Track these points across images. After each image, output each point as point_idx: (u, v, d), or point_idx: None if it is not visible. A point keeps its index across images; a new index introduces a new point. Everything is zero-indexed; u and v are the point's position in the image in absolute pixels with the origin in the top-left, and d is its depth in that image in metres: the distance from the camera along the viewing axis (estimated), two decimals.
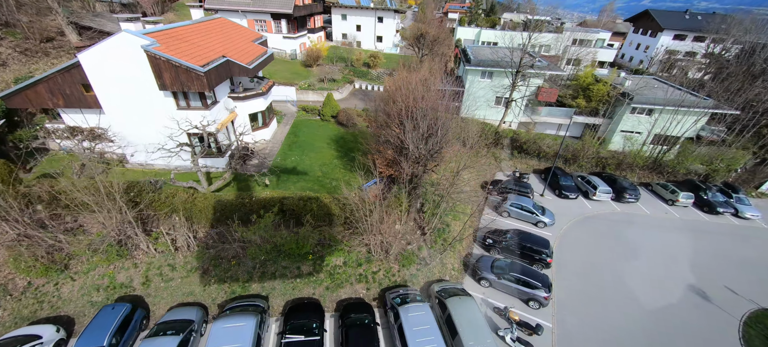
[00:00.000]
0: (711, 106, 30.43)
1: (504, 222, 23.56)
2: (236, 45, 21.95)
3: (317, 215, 16.18)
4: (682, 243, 22.91)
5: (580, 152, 29.37)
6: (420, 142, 16.92)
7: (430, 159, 18.23)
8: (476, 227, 22.92)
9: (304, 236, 15.88)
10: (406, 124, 17.08)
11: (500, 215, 24.15)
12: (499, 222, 23.50)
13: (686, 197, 26.54)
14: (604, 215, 25.20)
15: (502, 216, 24.07)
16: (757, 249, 23.08)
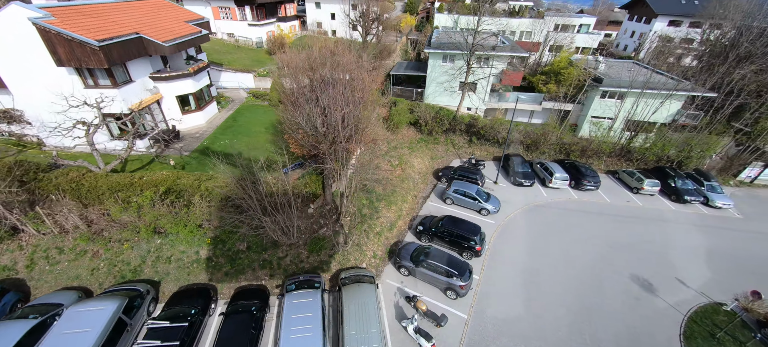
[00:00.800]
0: (687, 88, 28.39)
1: (447, 209, 22.21)
2: (162, 24, 21.09)
3: (213, 195, 15.19)
4: (639, 233, 21.16)
5: (541, 139, 27.67)
6: (316, 119, 15.59)
7: (344, 140, 16.99)
8: (415, 215, 21.64)
9: (185, 216, 14.75)
10: (303, 101, 15.88)
11: (444, 201, 22.80)
12: (443, 209, 22.16)
13: (652, 185, 24.66)
14: (558, 203, 23.57)
15: (446, 203, 22.72)
16: (722, 239, 21.18)
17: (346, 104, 15.87)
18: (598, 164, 28.23)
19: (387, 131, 27.32)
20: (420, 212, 22.07)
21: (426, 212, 21.82)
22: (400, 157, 25.60)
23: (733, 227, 22.44)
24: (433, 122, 28.07)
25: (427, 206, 22.52)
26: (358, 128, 17.22)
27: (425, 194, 23.92)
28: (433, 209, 22.22)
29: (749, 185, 27.71)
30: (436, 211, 21.87)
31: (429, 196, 23.60)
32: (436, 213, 21.40)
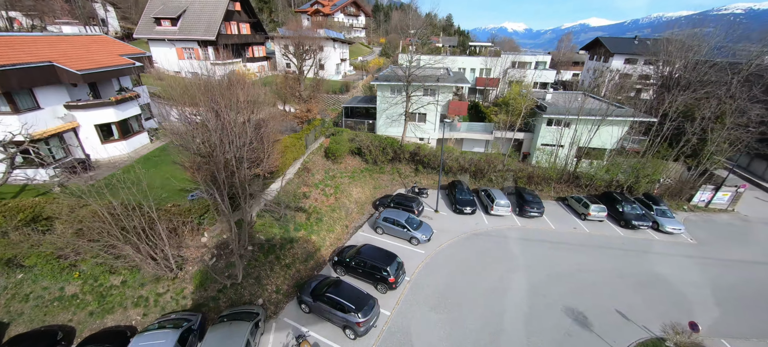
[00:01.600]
0: (628, 115, 28.59)
1: (377, 239, 20.70)
2: (88, 56, 21.21)
3: (83, 220, 13.75)
4: (580, 261, 19.61)
5: (485, 166, 27.03)
6: (195, 140, 14.70)
7: (244, 163, 16.04)
8: (341, 246, 20.06)
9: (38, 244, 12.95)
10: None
11: (375, 231, 21.37)
12: (373, 239, 20.63)
13: (598, 210, 23.57)
14: (499, 231, 22.19)
15: (377, 233, 21.26)
16: (671, 266, 19.61)
17: (242, 133, 15.13)
18: (548, 191, 27.36)
19: (327, 160, 26.60)
20: (348, 242, 20.54)
21: (354, 242, 20.28)
22: (337, 186, 24.59)
23: (685, 253, 20.98)
24: (376, 150, 27.54)
25: (357, 236, 21.03)
26: (258, 157, 16.29)
27: (359, 223, 22.55)
28: (362, 239, 20.72)
29: (705, 210, 26.72)
30: (364, 241, 20.35)
31: (362, 226, 22.21)
32: (365, 244, 19.88)
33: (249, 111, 16.46)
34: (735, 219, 25.66)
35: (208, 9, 40.09)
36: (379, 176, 27.95)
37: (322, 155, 26.78)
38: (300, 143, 23.91)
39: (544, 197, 27.05)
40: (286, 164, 21.49)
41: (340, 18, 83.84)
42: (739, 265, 20.16)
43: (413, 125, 33.03)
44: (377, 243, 20.15)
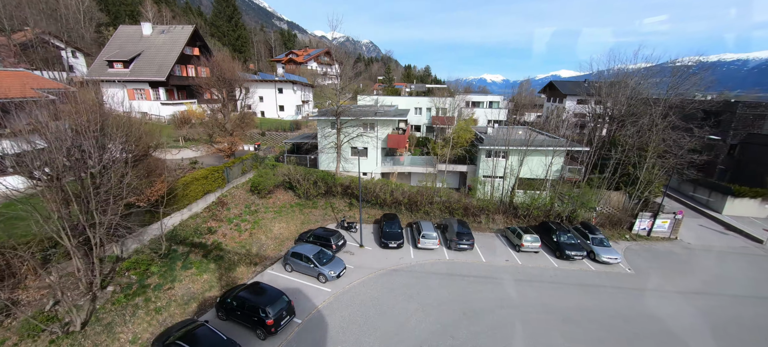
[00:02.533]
0: (562, 145, 28.85)
1: (285, 276, 18.65)
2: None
3: None
4: (503, 296, 17.83)
5: (419, 199, 26.04)
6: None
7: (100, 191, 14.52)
8: (243, 283, 17.86)
9: None
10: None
11: (284, 267, 19.38)
12: (281, 277, 18.56)
13: (531, 241, 22.32)
14: (423, 265, 20.46)
15: (287, 270, 19.26)
16: (602, 299, 17.99)
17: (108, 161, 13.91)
18: (487, 223, 26.22)
19: (252, 194, 25.22)
20: (252, 280, 18.37)
21: (258, 280, 18.12)
22: (257, 221, 22.95)
23: (619, 285, 19.50)
24: (307, 184, 26.43)
25: (263, 275, 18.92)
26: (136, 187, 14.93)
27: (271, 261, 20.53)
28: (267, 277, 18.61)
29: (647, 239, 25.78)
30: (270, 279, 18.24)
31: (273, 263, 20.19)
32: (269, 283, 17.79)
33: (126, 141, 15.35)
34: (676, 247, 24.69)
35: (163, 52, 41.11)
36: (310, 211, 26.45)
37: (247, 189, 25.45)
38: (217, 176, 22.70)
39: (484, 229, 25.88)
40: (190, 198, 20.03)
41: (313, 66, 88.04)
42: (676, 296, 18.71)
43: (355, 159, 32.59)
44: (285, 281, 18.16)
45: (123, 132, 14.52)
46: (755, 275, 21.31)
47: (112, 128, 14.56)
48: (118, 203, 13.36)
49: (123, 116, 16.71)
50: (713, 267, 22.18)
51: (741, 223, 28.88)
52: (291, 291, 17.42)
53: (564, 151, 29.11)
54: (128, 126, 15.26)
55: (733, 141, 33.38)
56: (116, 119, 15.21)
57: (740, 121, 32.68)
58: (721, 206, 31.11)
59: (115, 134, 14.54)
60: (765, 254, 24.24)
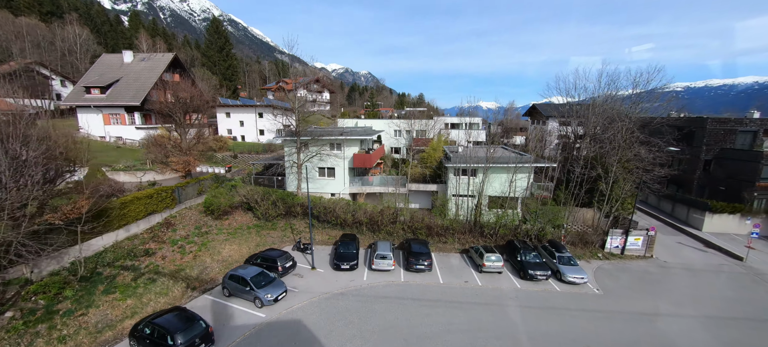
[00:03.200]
0: (530, 161, 28.32)
1: (221, 301, 17.27)
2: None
3: None
4: (453, 321, 16.35)
5: (380, 218, 25.05)
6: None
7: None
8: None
9: None
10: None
11: (222, 291, 18.03)
12: (218, 302, 17.19)
13: (493, 260, 21.06)
14: (374, 288, 19.09)
15: (225, 294, 17.90)
16: (563, 323, 16.51)
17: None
18: (451, 243, 25.04)
19: (206, 215, 24.25)
20: (186, 304, 16.95)
21: (192, 305, 16.74)
22: (205, 243, 21.83)
23: (584, 307, 18.07)
24: (266, 204, 25.54)
25: (200, 300, 17.52)
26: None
27: (214, 284, 19.18)
28: (202, 302, 17.21)
29: (621, 257, 24.47)
30: (206, 304, 16.86)
31: (213, 287, 18.83)
32: (202, 308, 16.43)
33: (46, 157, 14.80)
34: (651, 266, 23.36)
35: (141, 79, 41.78)
36: (268, 233, 25.32)
37: (201, 210, 24.53)
38: (164, 196, 21.90)
39: (449, 249, 24.66)
40: (129, 218, 19.11)
41: (303, 93, 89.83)
42: (645, 319, 17.25)
43: (326, 180, 31.96)
44: (219, 306, 16.81)
45: (42, 147, 13.98)
46: (733, 294, 19.90)
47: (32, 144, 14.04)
48: (20, 221, 12.49)
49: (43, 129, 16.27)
50: (689, 286, 20.79)
51: (721, 240, 27.69)
52: (222, 317, 16.10)
53: (531, 167, 28.55)
54: (48, 142, 14.75)
55: (707, 157, 32.91)
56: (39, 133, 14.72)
57: (711, 136, 32.40)
58: (701, 222, 30.04)
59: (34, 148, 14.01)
60: (745, 272, 22.89)
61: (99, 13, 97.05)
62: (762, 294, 20.00)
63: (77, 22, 76.13)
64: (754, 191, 29.69)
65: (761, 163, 29.11)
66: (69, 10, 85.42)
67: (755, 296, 19.69)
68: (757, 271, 22.95)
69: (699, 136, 33.23)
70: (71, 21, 75.36)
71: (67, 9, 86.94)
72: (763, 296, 19.72)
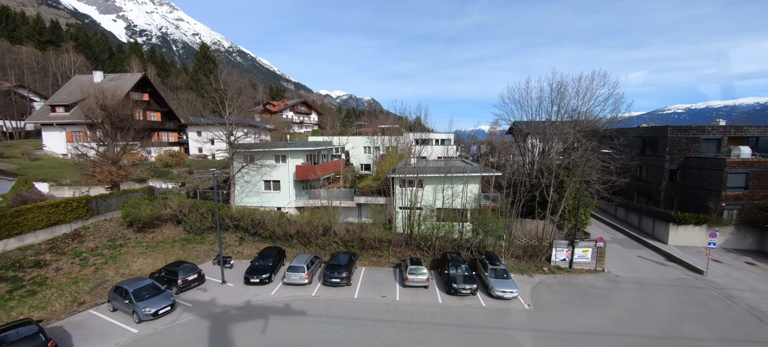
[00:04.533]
0: (477, 171, 27.18)
1: (106, 318, 15.83)
2: None
3: None
4: (344, 340, 14.65)
5: (309, 231, 23.74)
6: None
7: None
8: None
9: None
10: None
11: (108, 306, 16.62)
12: (104, 318, 15.77)
13: (418, 274, 19.41)
14: (274, 304, 17.46)
15: (110, 308, 16.48)
16: (471, 342, 14.66)
17: None
18: (387, 256, 23.45)
19: (128, 227, 23.23)
20: (67, 318, 15.55)
21: (70, 320, 15.35)
22: (115, 256, 20.66)
23: (505, 324, 16.16)
24: (194, 217, 24.49)
25: (83, 314, 16.08)
26: None
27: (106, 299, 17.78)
28: (85, 317, 15.81)
29: (568, 271, 22.51)
30: (87, 319, 15.45)
31: (104, 303, 17.43)
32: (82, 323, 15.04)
33: None
34: (600, 280, 21.35)
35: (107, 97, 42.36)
36: (195, 246, 24.07)
37: (125, 222, 23.53)
38: (76, 206, 21.08)
39: (384, 263, 23.06)
40: (23, 227, 18.20)
41: (289, 115, 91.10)
42: (571, 337, 15.30)
43: (272, 193, 31.07)
44: (99, 321, 15.45)
45: None
46: (680, 310, 17.81)
47: None
48: None
49: None
50: (634, 302, 18.73)
51: (686, 253, 25.58)
52: (92, 331, 14.68)
53: (478, 177, 27.35)
54: None
55: (672, 166, 31.37)
56: None
57: (674, 145, 31.04)
58: (666, 235, 28.00)
59: None
60: (703, 286, 20.73)
61: (99, 42, 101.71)
62: (715, 310, 17.86)
63: (73, 50, 79.80)
64: (721, 201, 27.88)
65: (725, 171, 27.56)
66: (68, 39, 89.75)
67: (704, 313, 17.57)
68: (716, 286, 20.78)
69: (661, 145, 31.90)
70: (67, 49, 79.11)
71: (67, 38, 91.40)
72: (714, 313, 17.58)
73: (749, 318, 17.14)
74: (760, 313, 17.65)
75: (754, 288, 20.67)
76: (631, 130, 37.37)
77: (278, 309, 16.93)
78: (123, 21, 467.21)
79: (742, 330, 16.00)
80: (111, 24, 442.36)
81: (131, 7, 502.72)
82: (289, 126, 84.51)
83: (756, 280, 21.67)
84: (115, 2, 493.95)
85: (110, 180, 25.27)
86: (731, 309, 18.07)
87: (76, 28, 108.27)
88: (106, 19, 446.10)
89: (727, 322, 16.67)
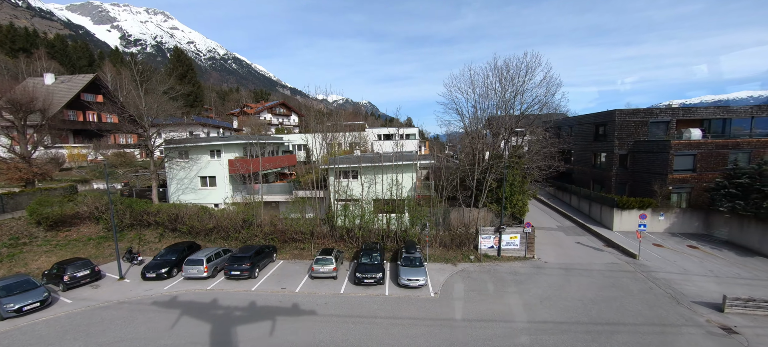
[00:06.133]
0: (414, 158, 26.31)
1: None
2: None
3: None
4: (203, 333, 13.69)
5: (224, 223, 22.81)
6: None
7: None
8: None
9: None
10: None
11: None
12: None
13: (324, 264, 18.36)
14: (162, 298, 16.47)
15: None
16: (342, 331, 13.65)
17: None
18: (309, 248, 22.48)
19: (37, 226, 22.28)
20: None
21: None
22: (12, 254, 19.73)
23: (396, 314, 15.12)
24: (108, 213, 23.53)
25: None
26: None
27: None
28: None
29: (497, 259, 21.51)
30: None
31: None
32: None
33: None
34: (525, 267, 20.34)
35: (56, 99, 41.64)
36: (111, 244, 23.05)
37: (30, 220, 22.56)
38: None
39: (306, 256, 22.10)
40: None
41: (268, 117, 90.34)
42: (467, 324, 14.30)
43: (208, 190, 30.12)
44: None
45: None
46: (596, 294, 16.81)
47: None
48: None
49: None
50: (550, 287, 17.72)
51: (629, 238, 24.60)
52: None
53: (414, 167, 26.45)
54: None
55: (622, 151, 30.47)
56: None
57: (622, 129, 30.16)
58: (612, 221, 27.04)
59: None
60: (632, 270, 19.76)
61: (78, 49, 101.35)
62: (632, 293, 16.84)
63: (45, 56, 79.29)
64: (669, 185, 26.93)
65: (671, 153, 26.64)
66: (42, 46, 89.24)
67: (620, 296, 16.56)
68: (645, 269, 19.81)
69: (611, 130, 31.02)
70: (40, 56, 78.58)
71: (41, 45, 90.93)
72: (630, 296, 16.57)
73: (665, 300, 16.16)
74: (679, 295, 16.67)
75: (685, 270, 19.70)
76: (586, 117, 36.52)
77: (163, 303, 15.94)
78: (117, 31, 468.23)
79: (652, 313, 15.01)
80: (105, 34, 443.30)
81: (126, 17, 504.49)
82: (267, 128, 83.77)
83: (691, 263, 20.68)
84: (109, 13, 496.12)
85: (19, 178, 24.36)
86: (651, 292, 17.09)
87: (56, 36, 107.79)
88: (100, 30, 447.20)
89: (640, 305, 15.69)
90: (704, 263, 20.78)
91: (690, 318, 14.68)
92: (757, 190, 21.92)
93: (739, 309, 14.92)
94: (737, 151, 26.41)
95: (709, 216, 25.85)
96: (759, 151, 25.99)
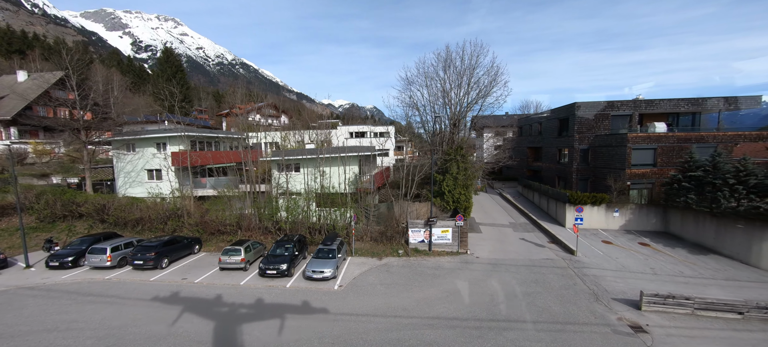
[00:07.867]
0: (364, 150, 25.49)
1: None
2: None
3: None
4: (67, 320, 12.96)
5: (147, 215, 22.27)
6: None
7: None
8: None
9: None
10: None
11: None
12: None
13: (232, 255, 17.60)
14: (55, 286, 15.88)
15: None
16: (197, 321, 12.79)
17: None
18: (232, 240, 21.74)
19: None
20: None
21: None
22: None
23: (295, 310, 14.17)
24: (40, 205, 23.28)
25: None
26: None
27: None
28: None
29: (428, 253, 20.38)
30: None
31: None
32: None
33: None
34: (453, 262, 19.18)
35: (25, 96, 42.10)
36: (39, 234, 22.69)
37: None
38: None
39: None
40: None
41: (256, 117, 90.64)
42: (356, 318, 13.26)
43: (154, 183, 29.71)
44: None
45: None
46: (513, 289, 15.61)
47: None
48: None
49: None
50: (467, 282, 16.53)
51: (581, 234, 23.17)
52: None
53: (356, 159, 25.67)
54: None
55: (582, 146, 29.08)
56: None
57: (582, 124, 28.82)
58: (564, 217, 25.65)
59: None
60: (564, 266, 18.45)
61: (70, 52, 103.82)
62: (552, 289, 15.56)
63: (39, 58, 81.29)
64: (627, 180, 25.47)
65: (628, 147, 25.23)
66: (41, 49, 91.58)
67: (538, 292, 15.30)
68: (579, 265, 18.48)
69: (572, 124, 29.69)
70: (33, 58, 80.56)
71: (38, 47, 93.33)
72: (548, 292, 15.30)
73: (584, 297, 14.88)
74: (603, 292, 15.36)
75: (623, 267, 18.32)
76: (554, 111, 35.18)
77: (55, 291, 15.32)
78: (129, 37, 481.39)
79: (561, 309, 13.76)
80: (117, 40, 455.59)
81: (137, 23, 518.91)
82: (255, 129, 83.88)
83: (634, 261, 19.26)
84: (121, 19, 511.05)
85: None
86: (572, 288, 15.81)
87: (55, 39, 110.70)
88: (112, 36, 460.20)
89: (552, 301, 14.43)
90: (649, 260, 19.33)
91: (601, 315, 13.40)
92: (709, 183, 20.40)
93: (657, 307, 13.57)
94: (702, 145, 24.80)
95: (667, 213, 24.29)
96: (725, 145, 24.41)
